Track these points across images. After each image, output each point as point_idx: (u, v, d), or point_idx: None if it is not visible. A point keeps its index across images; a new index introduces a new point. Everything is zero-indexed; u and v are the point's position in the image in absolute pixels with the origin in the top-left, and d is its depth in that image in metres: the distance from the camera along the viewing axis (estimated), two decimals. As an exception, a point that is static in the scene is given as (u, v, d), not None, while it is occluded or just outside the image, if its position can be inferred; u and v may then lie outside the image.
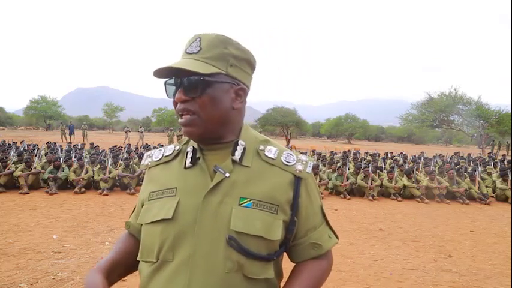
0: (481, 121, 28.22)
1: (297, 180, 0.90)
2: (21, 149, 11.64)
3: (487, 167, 11.43)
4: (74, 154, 10.12)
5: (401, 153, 16.44)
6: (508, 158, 17.07)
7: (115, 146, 13.35)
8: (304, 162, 0.93)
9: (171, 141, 22.71)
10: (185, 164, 0.91)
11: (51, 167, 8.08)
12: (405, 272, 3.97)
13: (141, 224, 0.93)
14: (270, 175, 0.89)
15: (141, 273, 0.90)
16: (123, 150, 12.40)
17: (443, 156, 16.55)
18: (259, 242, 0.84)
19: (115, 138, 29.20)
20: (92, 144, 15.36)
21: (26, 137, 20.68)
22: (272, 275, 0.88)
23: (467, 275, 3.94)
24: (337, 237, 1.00)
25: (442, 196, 8.56)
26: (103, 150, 11.95)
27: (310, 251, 0.94)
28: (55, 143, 13.87)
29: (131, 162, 8.76)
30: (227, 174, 0.86)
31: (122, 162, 8.75)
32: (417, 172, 9.53)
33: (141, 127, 28.67)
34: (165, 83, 0.89)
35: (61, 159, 8.66)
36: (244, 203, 0.85)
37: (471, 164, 12.96)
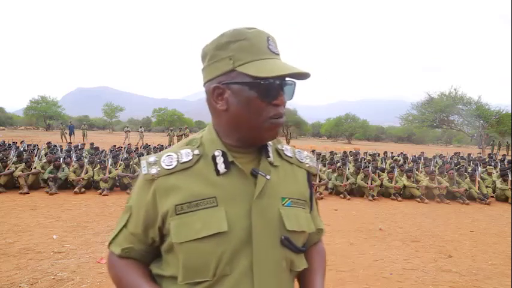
0: (481, 121, 28.23)
1: (308, 175, 0.98)
2: (21, 149, 11.64)
3: (487, 167, 11.43)
4: (74, 154, 10.12)
5: (401, 153, 16.44)
6: (508, 158, 17.07)
7: (115, 146, 13.35)
8: (311, 158, 1.00)
9: (171, 142, 22.68)
10: (217, 169, 0.84)
11: (51, 167, 8.07)
12: (405, 272, 3.96)
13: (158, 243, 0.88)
14: (292, 173, 0.94)
15: None
16: (123, 150, 12.41)
17: (444, 156, 16.54)
18: (301, 237, 0.89)
19: (115, 138, 29.20)
20: (92, 144, 15.36)
21: (26, 137, 20.66)
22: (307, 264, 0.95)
23: (467, 275, 3.93)
24: None
25: (442, 196, 8.55)
26: (103, 150, 11.95)
27: (316, 236, 1.02)
28: (55, 145, 13.85)
29: (131, 162, 8.77)
30: (268, 177, 0.85)
31: (122, 162, 8.76)
32: (417, 172, 9.52)
33: (141, 127, 28.69)
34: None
35: (61, 159, 8.66)
36: (285, 202, 0.88)
37: (471, 164, 12.95)
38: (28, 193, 7.50)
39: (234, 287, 0.80)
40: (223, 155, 0.85)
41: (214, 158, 0.85)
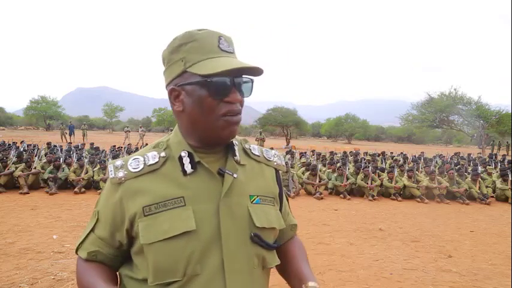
0: (481, 121, 28.22)
1: (277, 172, 1.00)
2: (21, 149, 11.64)
3: (487, 167, 11.43)
4: (74, 154, 10.12)
5: (401, 153, 16.44)
6: (508, 158, 17.07)
7: (114, 146, 13.36)
8: (278, 156, 1.03)
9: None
10: (184, 170, 0.85)
11: (51, 167, 8.07)
12: (405, 272, 3.96)
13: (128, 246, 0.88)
14: (259, 171, 0.96)
15: None
16: (123, 150, 12.41)
17: (444, 156, 16.54)
18: (272, 233, 0.91)
19: (115, 138, 29.20)
20: (92, 144, 15.37)
21: (26, 137, 20.67)
22: (279, 260, 0.95)
23: (467, 275, 3.93)
24: None
25: (442, 196, 8.55)
26: (103, 150, 11.95)
27: (290, 232, 1.04)
28: (55, 145, 13.86)
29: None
30: (235, 175, 0.87)
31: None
32: (417, 172, 9.52)
33: (140, 127, 28.67)
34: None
35: (61, 159, 8.66)
36: (253, 200, 0.89)
37: (471, 164, 12.96)
38: (28, 193, 7.50)
39: (206, 286, 0.80)
40: (190, 155, 0.86)
41: (180, 158, 0.86)
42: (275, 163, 1.00)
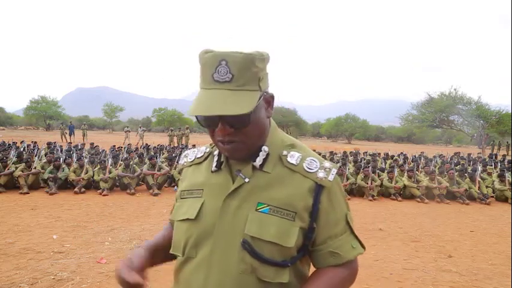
0: (481, 121, 28.26)
1: (318, 187, 0.89)
2: (21, 149, 11.64)
3: (487, 166, 11.43)
4: (74, 154, 10.12)
5: (401, 153, 16.44)
6: (508, 158, 17.07)
7: (114, 146, 13.35)
8: (327, 170, 0.91)
9: (171, 141, 22.69)
10: (212, 167, 0.96)
11: (51, 167, 8.07)
12: (405, 272, 3.96)
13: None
14: (290, 181, 0.89)
15: (175, 264, 0.99)
16: (123, 150, 12.41)
17: (444, 156, 16.54)
18: (273, 248, 0.86)
19: (115, 138, 29.18)
20: (92, 144, 15.36)
21: (26, 137, 20.65)
22: (287, 280, 0.88)
23: (467, 275, 3.94)
24: (363, 247, 0.97)
25: (442, 196, 8.55)
26: (103, 150, 11.95)
27: (329, 259, 0.92)
28: (55, 143, 13.87)
29: (131, 162, 8.76)
30: (246, 180, 0.89)
31: (122, 162, 8.75)
32: (417, 172, 9.52)
33: (140, 127, 28.64)
34: (197, 117, 0.86)
35: (61, 159, 8.66)
36: (261, 208, 0.87)
37: (471, 164, 12.95)
38: (28, 193, 7.50)
39: (195, 269, 0.89)
40: (219, 154, 0.96)
41: (213, 156, 0.98)
42: (317, 177, 0.89)
